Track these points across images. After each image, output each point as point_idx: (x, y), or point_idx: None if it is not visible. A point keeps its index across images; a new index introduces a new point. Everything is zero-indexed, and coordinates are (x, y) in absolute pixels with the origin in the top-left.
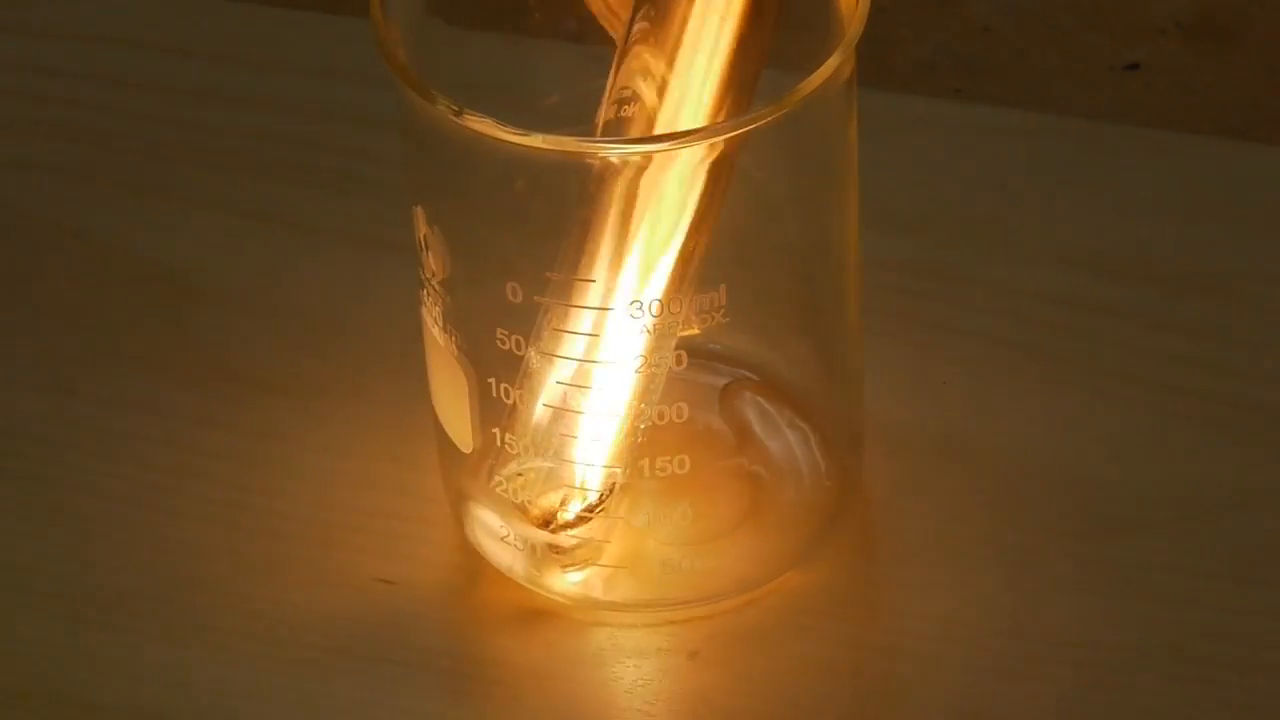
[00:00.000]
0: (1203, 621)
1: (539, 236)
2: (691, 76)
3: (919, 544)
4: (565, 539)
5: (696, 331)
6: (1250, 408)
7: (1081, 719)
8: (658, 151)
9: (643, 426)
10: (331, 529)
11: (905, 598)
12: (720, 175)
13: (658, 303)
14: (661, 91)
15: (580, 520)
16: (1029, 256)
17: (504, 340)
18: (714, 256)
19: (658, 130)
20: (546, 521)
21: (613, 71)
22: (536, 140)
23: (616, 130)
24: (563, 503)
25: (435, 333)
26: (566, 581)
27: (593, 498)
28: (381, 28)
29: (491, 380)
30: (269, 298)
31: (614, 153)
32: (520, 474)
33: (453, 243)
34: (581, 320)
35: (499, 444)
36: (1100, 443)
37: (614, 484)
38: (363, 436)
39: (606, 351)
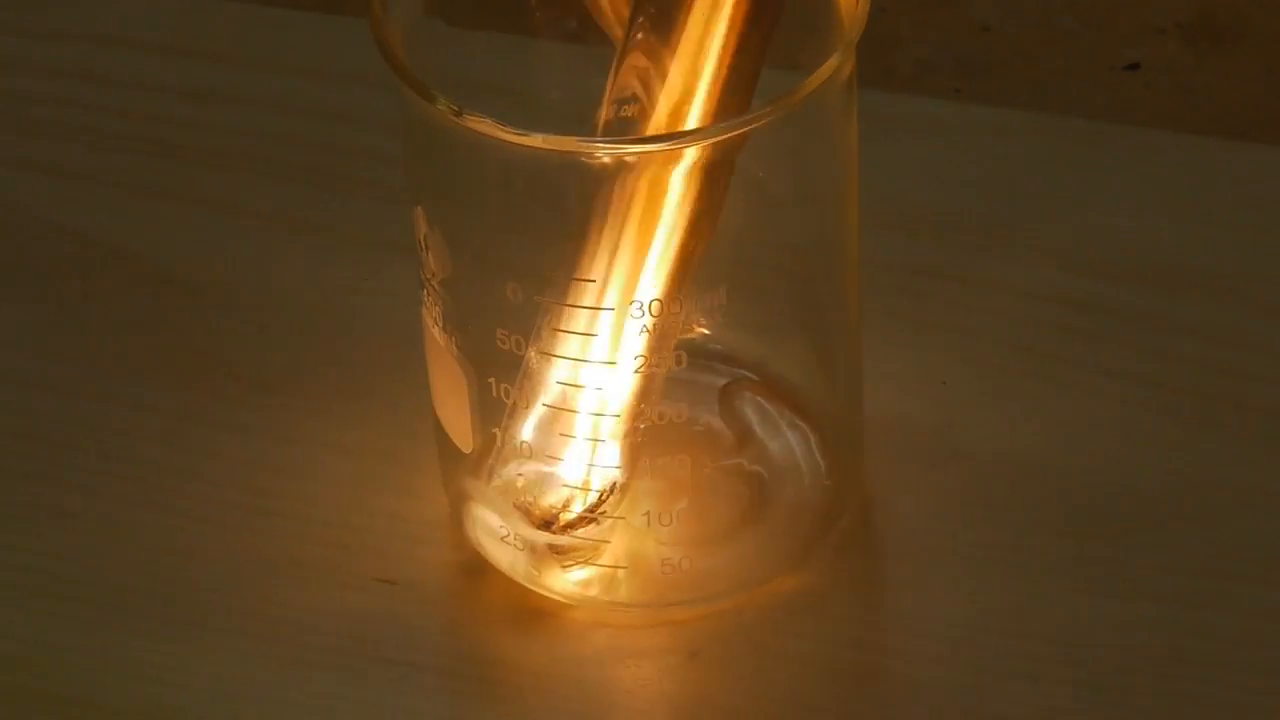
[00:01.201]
0: (1202, 621)
1: (539, 236)
2: (692, 76)
3: (919, 544)
4: (565, 539)
5: (698, 331)
6: (1250, 408)
7: (1081, 719)
8: (658, 151)
9: (643, 426)
10: (331, 529)
11: (905, 598)
12: (720, 175)
13: (658, 303)
14: (662, 91)
15: (580, 520)
16: (1029, 256)
17: (504, 340)
18: (714, 256)
19: (657, 130)
20: (547, 522)
21: (613, 71)
22: (536, 140)
23: (616, 130)
24: (563, 503)
25: (435, 333)
26: (566, 581)
27: (593, 498)
28: (381, 28)
29: (491, 380)
30: (269, 298)
31: (614, 153)
32: (520, 474)
33: (453, 243)
34: (581, 320)
35: (499, 444)
36: (1099, 443)
37: (614, 484)
38: (363, 436)
39: (606, 352)
